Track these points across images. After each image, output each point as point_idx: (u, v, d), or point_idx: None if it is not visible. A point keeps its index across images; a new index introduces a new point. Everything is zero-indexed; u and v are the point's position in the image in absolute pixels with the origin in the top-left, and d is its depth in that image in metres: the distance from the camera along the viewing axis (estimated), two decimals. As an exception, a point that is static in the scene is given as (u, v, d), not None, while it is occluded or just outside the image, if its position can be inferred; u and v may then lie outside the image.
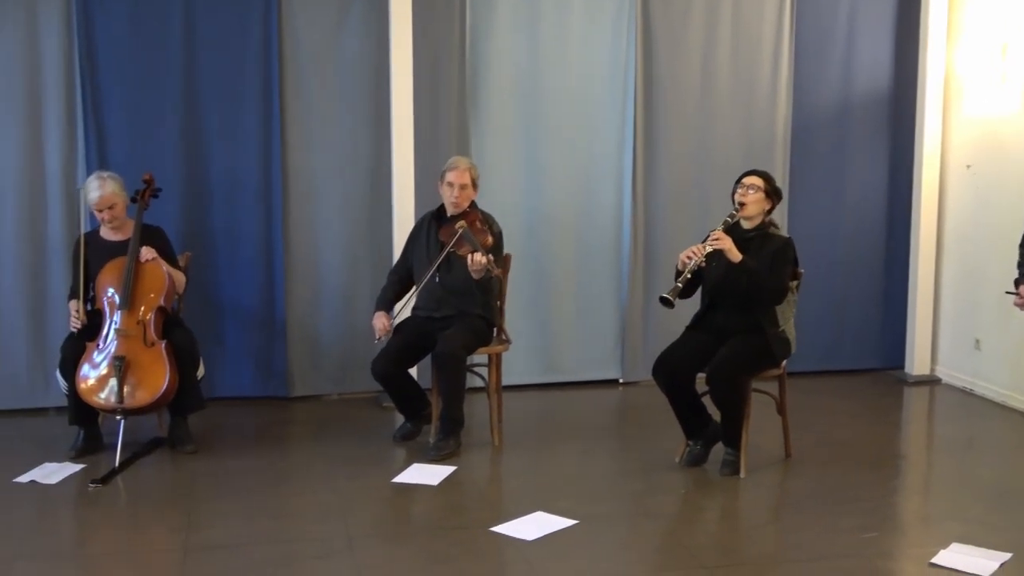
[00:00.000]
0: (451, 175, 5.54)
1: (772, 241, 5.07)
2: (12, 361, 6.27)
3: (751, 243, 5.05)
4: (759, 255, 5.01)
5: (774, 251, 5.03)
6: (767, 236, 5.09)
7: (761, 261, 4.98)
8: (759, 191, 5.06)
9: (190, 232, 6.31)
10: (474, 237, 5.36)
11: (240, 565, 4.01)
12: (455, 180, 5.53)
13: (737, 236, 5.04)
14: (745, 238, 5.06)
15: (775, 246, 5.05)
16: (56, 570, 4.04)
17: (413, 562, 4.14)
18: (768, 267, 4.98)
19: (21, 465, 5.21)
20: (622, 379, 7.07)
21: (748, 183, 5.09)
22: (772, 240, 5.08)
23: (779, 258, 5.03)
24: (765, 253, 5.02)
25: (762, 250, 5.03)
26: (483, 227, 5.47)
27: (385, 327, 5.53)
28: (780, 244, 5.07)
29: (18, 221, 6.18)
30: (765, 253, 5.02)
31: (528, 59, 6.72)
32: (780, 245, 5.06)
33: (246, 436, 5.88)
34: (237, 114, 6.35)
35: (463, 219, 5.49)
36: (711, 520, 4.67)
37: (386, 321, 5.56)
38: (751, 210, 5.08)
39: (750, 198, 5.05)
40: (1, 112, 6.10)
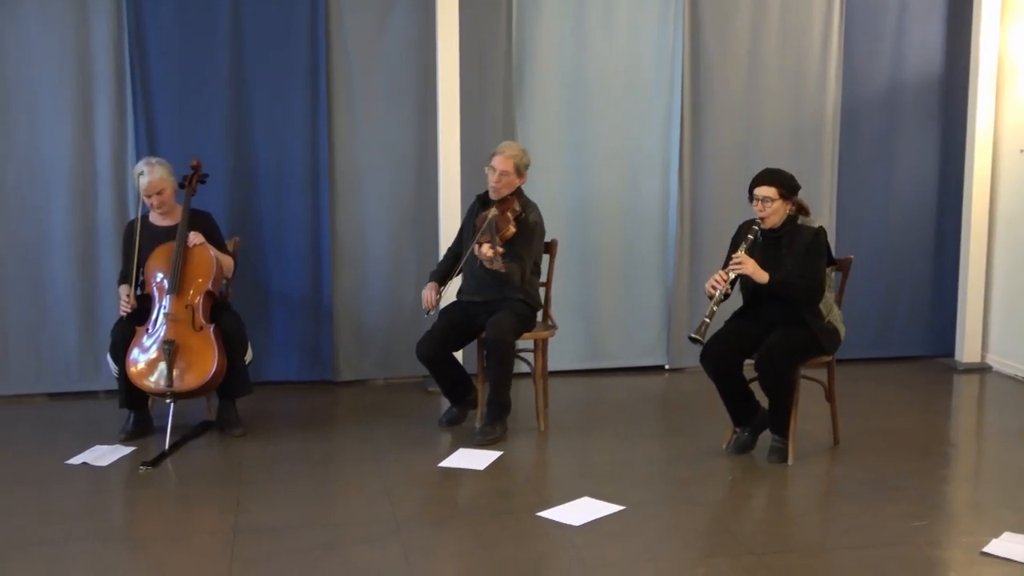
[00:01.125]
0: (494, 159, 5.51)
1: (803, 234, 4.98)
2: (63, 345, 6.37)
3: (781, 240, 4.99)
4: (791, 250, 4.94)
5: (807, 245, 4.95)
6: (797, 228, 5.01)
7: (794, 257, 4.93)
8: (775, 200, 4.95)
9: (238, 218, 6.37)
10: (495, 226, 5.35)
11: (289, 547, 4.05)
12: (496, 165, 5.50)
13: (765, 236, 4.98)
14: (773, 237, 5.00)
15: (806, 239, 4.96)
16: (108, 551, 4.09)
17: (460, 546, 4.16)
18: (802, 264, 4.93)
19: (73, 447, 5.29)
20: (668, 366, 7.05)
21: (761, 195, 4.96)
22: (802, 233, 4.98)
23: (812, 252, 4.95)
24: (797, 248, 4.95)
25: (794, 244, 4.96)
26: (511, 217, 5.44)
27: (431, 300, 5.52)
28: (811, 236, 4.97)
29: (68, 207, 6.26)
30: (797, 248, 4.95)
31: (574, 48, 6.70)
32: (811, 238, 4.97)
33: (293, 420, 5.93)
34: (284, 101, 6.39)
35: (498, 207, 5.49)
36: (758, 507, 4.65)
37: (435, 294, 5.55)
38: (773, 220, 4.98)
39: (768, 211, 4.95)
40: (52, 100, 6.18)
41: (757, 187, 4.99)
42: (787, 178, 5.00)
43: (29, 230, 6.24)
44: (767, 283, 4.88)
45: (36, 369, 6.37)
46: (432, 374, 5.69)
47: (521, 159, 5.54)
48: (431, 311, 5.58)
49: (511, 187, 5.53)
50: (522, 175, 5.57)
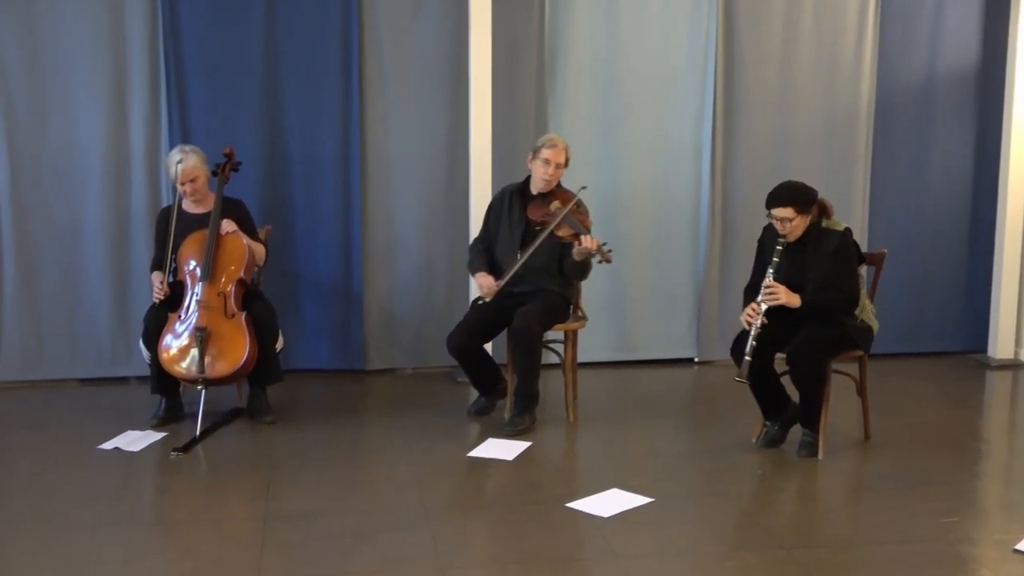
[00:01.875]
0: (548, 152, 5.47)
1: (829, 237, 4.91)
2: (96, 331, 6.42)
3: (807, 248, 4.93)
4: (817, 256, 4.89)
5: (834, 250, 4.89)
6: (821, 233, 4.94)
7: (820, 262, 4.88)
8: (794, 219, 4.86)
9: (270, 206, 6.39)
10: (575, 221, 5.34)
11: (319, 534, 4.07)
12: (552, 158, 5.46)
13: (789, 245, 4.92)
14: (799, 244, 4.94)
15: (833, 243, 4.90)
16: (139, 536, 4.12)
17: (489, 535, 4.17)
18: (832, 271, 4.88)
19: (105, 432, 5.34)
20: (697, 358, 7.03)
21: (779, 216, 4.87)
22: (829, 236, 4.92)
23: (842, 257, 4.90)
24: (824, 252, 4.89)
25: (820, 249, 4.90)
26: (580, 210, 5.44)
27: (491, 285, 5.46)
28: (837, 240, 4.90)
29: (102, 194, 6.30)
30: (824, 252, 4.89)
31: (607, 40, 6.67)
32: (838, 242, 4.90)
33: (324, 408, 5.95)
34: (317, 91, 6.40)
35: (556, 200, 5.46)
36: (788, 501, 4.63)
37: (491, 280, 5.49)
38: (796, 235, 4.91)
39: (789, 228, 4.87)
40: (87, 88, 6.22)
41: (773, 208, 4.90)
42: (801, 193, 4.89)
43: (63, 217, 6.29)
44: (802, 308, 4.84)
45: (69, 354, 6.42)
46: (462, 366, 5.70)
47: (569, 152, 5.55)
48: (489, 298, 5.52)
49: (558, 180, 5.54)
50: (568, 165, 5.57)
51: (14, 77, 6.15)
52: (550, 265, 5.47)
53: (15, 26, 6.10)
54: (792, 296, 4.84)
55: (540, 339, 5.44)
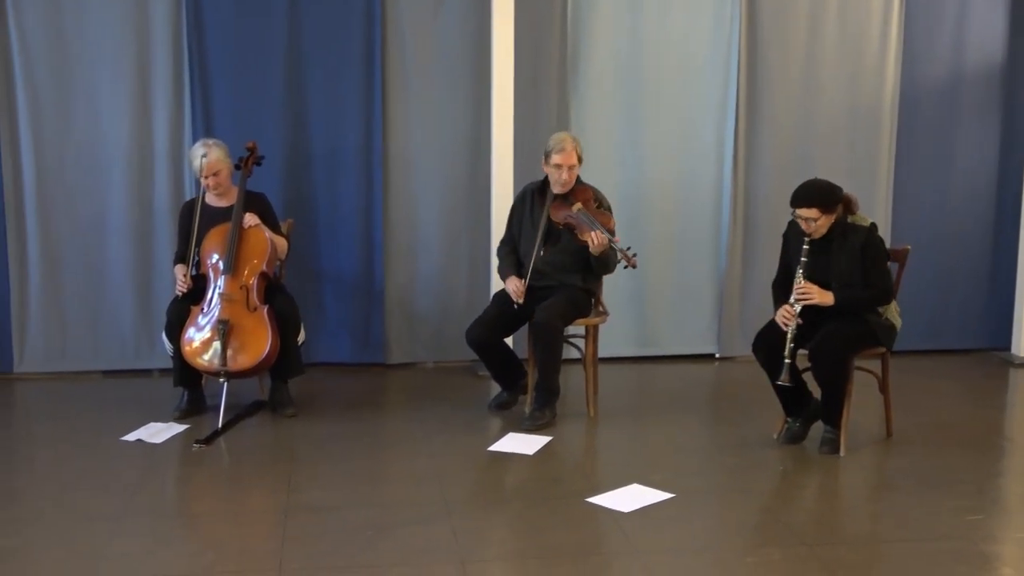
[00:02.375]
0: (558, 157, 5.43)
1: (855, 233, 4.87)
2: (119, 323, 6.45)
3: (832, 244, 4.90)
4: (842, 252, 4.86)
5: (862, 246, 4.84)
6: (847, 228, 4.89)
7: (847, 258, 4.85)
8: (817, 219, 4.81)
9: (292, 200, 6.40)
10: (594, 219, 5.32)
11: (340, 527, 4.07)
12: (563, 162, 5.43)
13: (814, 241, 4.88)
14: (823, 241, 4.89)
15: (860, 240, 4.85)
16: (161, 527, 4.14)
17: (510, 530, 4.16)
18: (858, 268, 4.85)
19: (128, 424, 5.36)
20: (718, 354, 7.01)
21: (803, 216, 4.82)
22: (855, 232, 4.87)
23: (871, 253, 4.85)
24: (850, 248, 4.85)
25: (845, 245, 4.86)
26: (599, 207, 5.42)
27: (519, 288, 5.47)
28: (864, 237, 4.85)
29: (126, 187, 6.32)
30: (850, 248, 4.85)
31: (629, 34, 6.65)
32: (865, 238, 4.85)
33: (344, 401, 5.96)
34: (340, 85, 6.40)
35: (575, 198, 5.45)
36: (810, 498, 4.61)
37: (519, 283, 5.49)
38: (821, 232, 4.86)
39: (814, 227, 4.83)
40: (111, 81, 6.24)
41: (798, 208, 4.85)
42: (826, 193, 4.83)
43: (87, 210, 6.32)
44: (835, 305, 4.82)
45: (92, 347, 6.45)
46: (482, 359, 5.70)
47: (579, 147, 5.50)
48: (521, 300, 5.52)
49: (575, 176, 5.51)
50: (582, 161, 5.54)
51: (39, 71, 6.18)
52: (573, 262, 5.46)
53: (41, 20, 6.13)
54: (825, 295, 4.81)
55: (561, 334, 5.43)
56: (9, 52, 6.14)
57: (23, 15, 6.12)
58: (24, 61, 6.15)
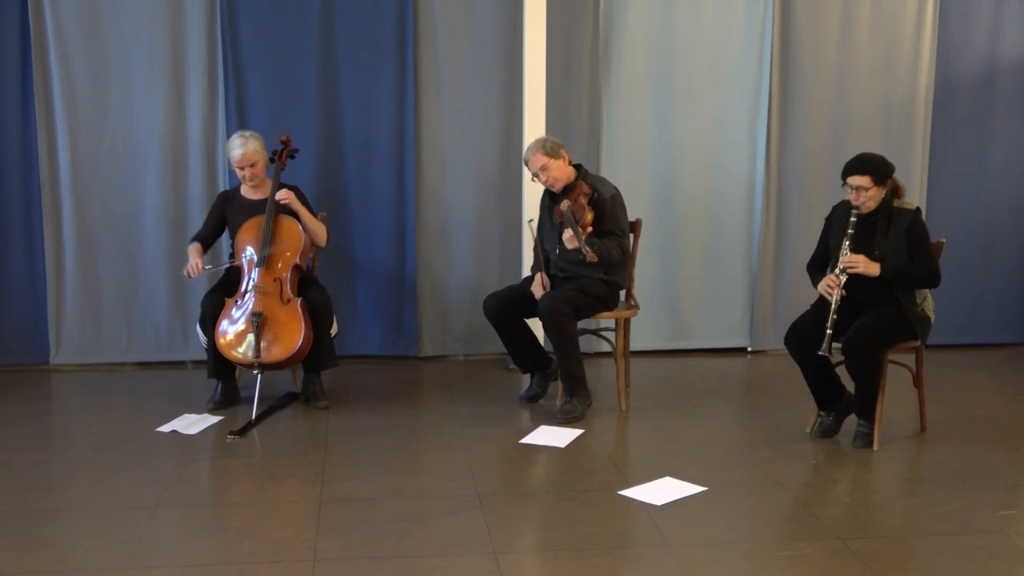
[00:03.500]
0: (528, 168, 5.52)
1: (901, 216, 4.87)
2: (153, 316, 6.51)
3: (877, 225, 4.89)
4: (887, 234, 4.86)
5: (907, 229, 4.84)
6: (893, 211, 4.90)
7: (893, 241, 4.84)
8: (868, 188, 4.83)
9: (324, 193, 6.44)
10: (575, 216, 5.31)
11: (374, 518, 4.10)
12: (532, 168, 5.48)
13: (860, 220, 4.89)
14: (868, 221, 4.90)
15: (904, 223, 4.86)
16: (197, 517, 4.17)
17: (543, 522, 4.17)
18: (907, 250, 4.83)
19: (163, 415, 5.43)
20: (750, 347, 7.00)
21: (854, 184, 4.84)
22: (901, 215, 4.88)
23: (917, 236, 4.85)
24: (894, 232, 4.85)
25: (891, 228, 4.86)
26: (587, 203, 5.38)
27: (541, 284, 5.52)
28: (910, 219, 4.86)
29: (160, 179, 6.38)
30: (894, 232, 4.85)
31: (661, 26, 6.65)
32: (911, 220, 4.86)
33: (377, 394, 5.99)
34: (372, 79, 6.43)
35: (570, 195, 5.44)
36: (843, 492, 4.59)
37: (543, 279, 5.53)
38: (870, 206, 4.87)
39: (864, 198, 4.84)
40: (146, 74, 6.30)
41: (850, 176, 4.87)
42: (880, 164, 4.86)
43: (122, 201, 6.38)
44: (881, 275, 4.80)
45: (127, 339, 6.52)
46: (498, 332, 5.69)
47: (544, 146, 5.45)
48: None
49: (563, 173, 5.48)
50: (560, 156, 5.47)
51: (75, 64, 6.24)
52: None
53: (77, 14, 6.20)
54: (871, 265, 4.80)
55: (565, 318, 5.35)
56: (46, 45, 6.20)
57: (60, 9, 6.18)
58: (60, 54, 6.21)
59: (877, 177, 4.83)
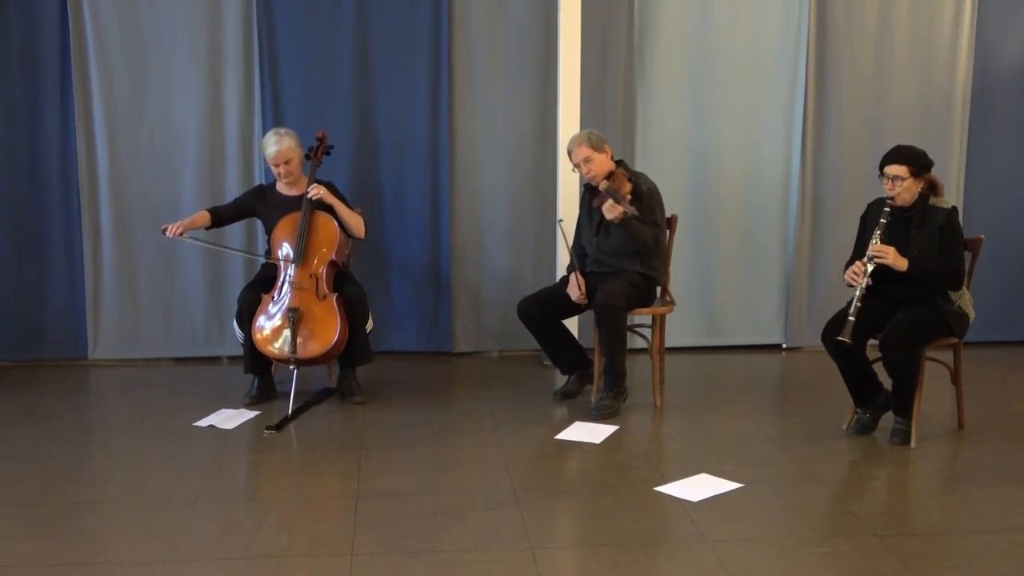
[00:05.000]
0: (572, 158, 5.53)
1: (935, 215, 4.84)
2: (190, 312, 6.57)
3: (911, 221, 4.87)
4: (922, 231, 4.83)
5: (941, 227, 4.82)
6: (928, 208, 4.87)
7: (925, 238, 4.81)
8: (906, 179, 4.81)
9: (359, 189, 6.47)
10: (613, 188, 5.33)
11: (411, 512, 4.12)
12: (576, 160, 5.49)
13: (895, 215, 4.87)
14: (903, 216, 4.88)
15: (939, 221, 4.82)
16: (235, 511, 4.20)
17: (579, 518, 4.17)
18: (936, 248, 4.81)
19: (200, 410, 5.48)
20: (786, 344, 6.98)
21: (891, 174, 4.82)
22: (936, 212, 4.85)
23: (948, 235, 4.82)
24: (928, 229, 4.82)
25: (925, 225, 4.83)
26: (625, 181, 5.40)
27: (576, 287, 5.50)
28: (945, 217, 4.83)
29: (197, 174, 6.44)
30: (928, 229, 4.82)
31: (697, 22, 6.64)
32: (945, 219, 4.83)
33: (412, 389, 6.02)
34: (407, 76, 6.45)
35: (609, 180, 5.45)
36: (881, 489, 4.57)
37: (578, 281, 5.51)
38: (904, 198, 4.84)
39: (899, 189, 4.82)
40: (184, 71, 6.36)
41: (887, 165, 4.85)
42: (919, 156, 4.85)
43: (160, 196, 6.44)
44: (907, 271, 4.78)
45: (165, 334, 6.59)
46: (534, 336, 5.72)
47: (590, 138, 5.47)
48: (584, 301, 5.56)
49: (604, 167, 5.48)
50: (604, 149, 5.49)
51: (114, 60, 6.31)
52: (624, 246, 5.46)
53: (115, 9, 6.27)
54: (900, 258, 4.77)
55: (624, 314, 5.41)
56: (84, 40, 6.27)
57: (98, 5, 6.24)
58: (99, 50, 6.28)
59: (915, 168, 4.81)
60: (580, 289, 5.50)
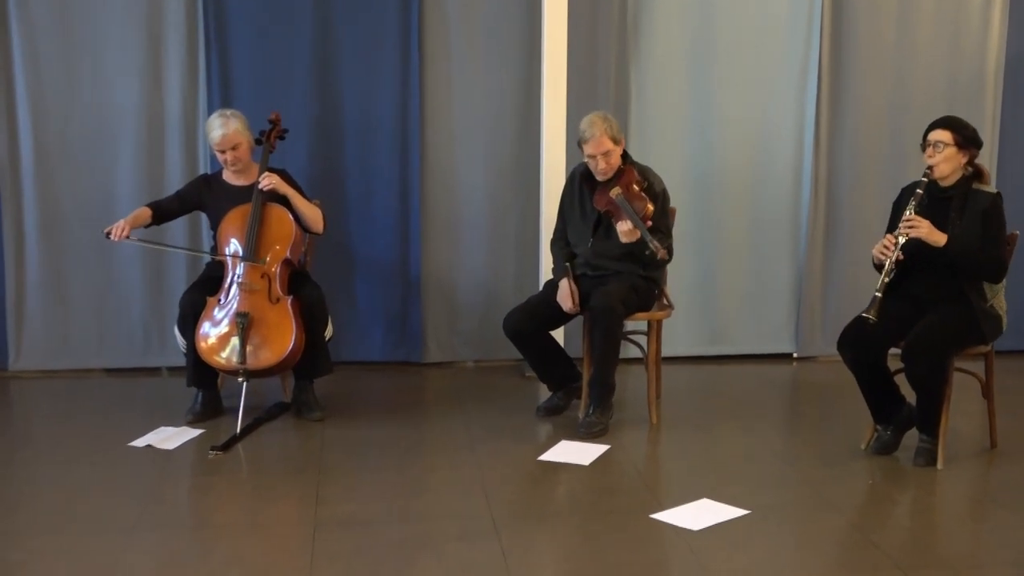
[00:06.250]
0: (588, 147, 5.43)
1: (977, 199, 4.89)
2: (126, 316, 6.55)
3: (951, 203, 4.90)
4: (961, 215, 4.87)
5: (982, 212, 4.85)
6: (970, 193, 4.91)
7: (966, 224, 4.85)
8: (948, 146, 4.86)
9: (319, 178, 6.46)
10: (631, 205, 5.31)
11: (376, 543, 4.11)
12: (595, 151, 5.42)
13: (933, 196, 4.91)
14: (942, 198, 4.92)
15: (981, 205, 4.86)
16: (177, 541, 4.18)
17: (566, 549, 4.18)
18: (978, 234, 4.84)
19: (137, 428, 5.45)
20: (797, 353, 7.02)
21: (933, 139, 4.89)
22: (977, 198, 4.89)
23: (990, 221, 4.85)
24: (970, 214, 4.86)
25: (965, 211, 4.87)
26: (641, 191, 5.39)
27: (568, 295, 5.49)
28: (987, 203, 4.87)
29: (135, 163, 6.42)
30: (970, 214, 4.86)
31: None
32: (988, 204, 4.87)
33: (377, 404, 6.02)
34: (373, 50, 6.45)
35: (618, 181, 5.44)
36: (903, 515, 4.60)
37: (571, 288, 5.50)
38: (943, 169, 4.89)
39: (939, 157, 4.86)
40: (119, 46, 6.33)
41: (931, 131, 4.93)
42: (966, 127, 4.91)
43: (94, 189, 6.42)
44: (944, 247, 4.80)
45: (97, 342, 6.56)
46: (522, 353, 5.73)
47: (611, 128, 5.43)
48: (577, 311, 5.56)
49: (618, 160, 5.50)
50: (622, 142, 5.51)
51: (40, 33, 6.26)
52: (629, 253, 5.45)
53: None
54: (936, 232, 4.79)
55: (621, 319, 5.42)
56: (5, 12, 6.23)
57: (21, -33, 6.22)
58: (22, 24, 6.24)
59: (960, 137, 4.86)
60: (573, 300, 5.50)
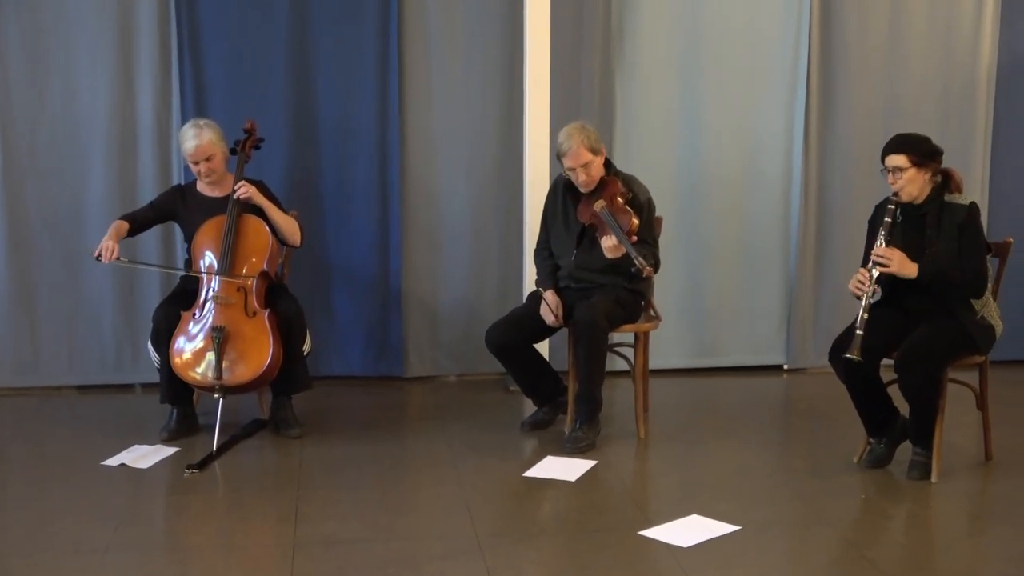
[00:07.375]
0: (567, 160, 5.42)
1: (953, 211, 4.89)
2: (98, 331, 6.53)
3: (926, 219, 4.91)
4: (938, 232, 4.87)
5: (959, 225, 4.86)
6: (944, 205, 4.92)
7: (942, 239, 4.86)
8: (907, 169, 4.85)
9: (296, 189, 6.46)
10: (616, 219, 5.31)
11: (357, 563, 4.10)
12: (573, 165, 5.41)
13: (908, 215, 4.92)
14: (917, 215, 4.93)
15: (958, 218, 4.87)
16: (152, 562, 4.17)
17: (552, 568, 4.18)
18: (956, 249, 4.85)
19: (109, 447, 5.42)
20: (787, 365, 7.03)
21: (891, 165, 4.88)
22: (952, 210, 4.89)
23: (967, 234, 4.86)
24: (946, 228, 4.87)
25: (941, 223, 4.88)
26: (625, 203, 5.39)
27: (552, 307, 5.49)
28: (963, 215, 4.87)
29: (106, 173, 6.40)
30: (946, 228, 4.87)
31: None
32: (964, 217, 4.87)
33: (357, 420, 6.01)
34: (351, 57, 6.45)
35: (602, 193, 5.43)
36: (898, 530, 4.61)
37: (555, 301, 5.51)
38: (910, 191, 4.89)
39: (902, 182, 4.87)
40: (89, 53, 6.33)
41: (886, 156, 4.93)
42: (920, 142, 4.91)
43: (63, 201, 6.40)
44: (918, 280, 4.81)
45: (68, 358, 6.53)
46: (506, 367, 5.74)
47: (589, 139, 5.41)
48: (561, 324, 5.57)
49: (600, 172, 5.49)
50: (602, 151, 5.50)
51: (7, 38, 6.24)
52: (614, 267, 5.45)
53: (10, -16, 6.22)
54: (907, 264, 4.81)
55: (606, 334, 5.44)
56: (-30, 18, 6.23)
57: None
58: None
59: (916, 157, 4.86)
60: (555, 314, 5.50)
